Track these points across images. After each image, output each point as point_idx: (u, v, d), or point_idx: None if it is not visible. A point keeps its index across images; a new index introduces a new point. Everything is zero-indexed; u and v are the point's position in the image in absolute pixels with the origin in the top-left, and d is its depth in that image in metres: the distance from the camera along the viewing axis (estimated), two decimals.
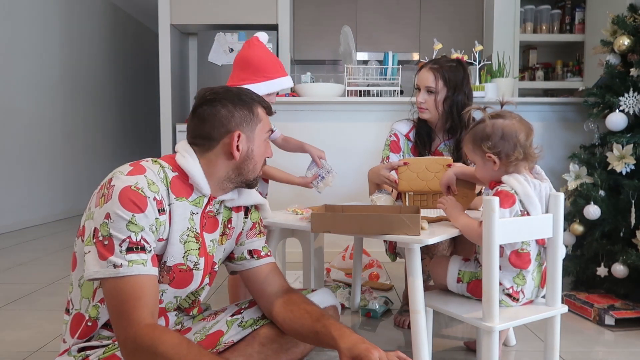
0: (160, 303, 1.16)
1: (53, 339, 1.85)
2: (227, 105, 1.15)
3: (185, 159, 1.14)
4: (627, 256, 2.03)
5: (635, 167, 2.13)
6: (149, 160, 1.14)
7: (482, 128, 1.35)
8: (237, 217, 1.29)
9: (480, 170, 1.40)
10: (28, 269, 3.00)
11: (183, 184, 1.14)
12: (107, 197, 1.02)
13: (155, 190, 1.06)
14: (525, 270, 1.33)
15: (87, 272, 1.00)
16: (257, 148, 1.19)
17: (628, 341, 1.82)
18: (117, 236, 1.00)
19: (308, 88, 2.99)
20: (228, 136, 1.14)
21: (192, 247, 1.15)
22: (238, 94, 1.18)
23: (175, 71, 4.63)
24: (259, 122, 1.19)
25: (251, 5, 4.40)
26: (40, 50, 4.72)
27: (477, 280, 1.38)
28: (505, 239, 1.23)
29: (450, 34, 4.60)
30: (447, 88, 1.81)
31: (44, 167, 4.82)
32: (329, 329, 1.11)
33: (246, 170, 1.19)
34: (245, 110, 1.16)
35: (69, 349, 1.11)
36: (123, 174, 1.05)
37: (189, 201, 1.14)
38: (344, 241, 2.89)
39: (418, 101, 1.86)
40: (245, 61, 1.76)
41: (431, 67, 1.83)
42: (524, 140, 1.31)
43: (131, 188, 1.02)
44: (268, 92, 1.76)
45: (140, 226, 1.02)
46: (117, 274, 0.99)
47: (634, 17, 2.23)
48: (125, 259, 0.99)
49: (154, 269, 1.04)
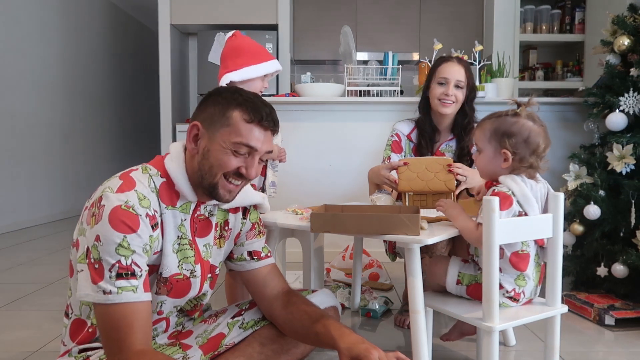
0: (160, 314, 1.15)
1: (53, 339, 1.85)
2: (205, 100, 1.13)
3: (172, 163, 1.11)
4: (627, 256, 2.03)
5: (635, 167, 2.13)
6: (138, 168, 1.10)
7: (511, 122, 1.30)
8: (234, 218, 1.26)
9: (485, 160, 1.35)
10: (28, 269, 3.00)
11: (170, 190, 1.11)
12: (98, 217, 0.99)
13: (147, 205, 1.03)
14: (525, 272, 1.32)
15: (79, 293, 0.99)
16: (216, 151, 1.08)
17: (628, 341, 1.82)
18: (107, 260, 0.97)
19: (308, 88, 2.99)
20: (190, 125, 1.11)
21: (188, 254, 1.13)
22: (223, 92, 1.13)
23: (175, 71, 4.63)
24: (227, 126, 1.08)
25: (251, 5, 4.40)
26: (40, 50, 4.71)
27: (477, 284, 1.36)
28: (505, 239, 1.23)
29: (450, 34, 4.59)
30: (469, 85, 1.86)
31: (44, 167, 4.82)
32: (328, 330, 1.10)
33: (204, 170, 1.09)
34: (217, 108, 1.09)
35: (69, 350, 1.11)
36: (113, 191, 1.01)
37: (177, 208, 1.12)
38: (344, 241, 2.89)
39: (447, 94, 1.83)
40: (237, 49, 1.80)
41: (459, 62, 1.85)
42: (542, 151, 1.30)
43: (121, 208, 0.99)
44: (264, 74, 1.81)
45: (130, 249, 0.99)
46: (106, 301, 0.97)
47: (634, 17, 2.23)
48: (115, 285, 0.97)
49: (145, 294, 1.01)
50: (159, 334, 1.19)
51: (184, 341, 1.20)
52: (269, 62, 1.82)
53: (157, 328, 1.17)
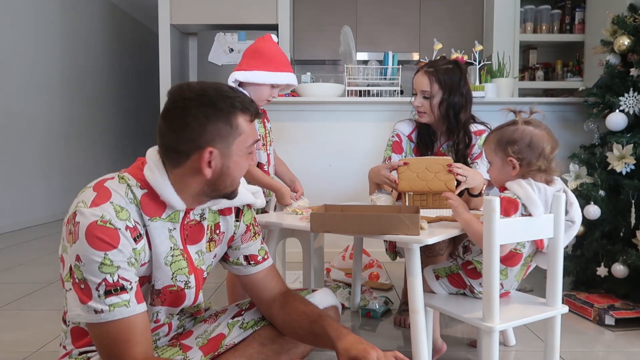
0: (157, 322, 1.13)
1: (53, 339, 1.85)
2: (198, 117, 0.99)
3: (154, 174, 1.02)
4: (627, 256, 2.03)
5: (635, 167, 2.13)
6: (114, 177, 1.03)
7: (511, 131, 1.35)
8: (226, 220, 1.20)
9: (496, 171, 1.40)
10: (28, 269, 3.00)
11: (154, 202, 1.03)
12: (75, 235, 0.93)
13: (125, 217, 0.97)
14: (510, 267, 1.36)
15: (70, 314, 0.95)
16: (235, 164, 1.04)
17: (628, 341, 1.82)
18: (92, 280, 0.92)
19: (308, 88, 2.99)
20: (197, 152, 1.00)
21: (181, 265, 1.08)
22: (214, 101, 1.01)
23: (175, 71, 4.63)
24: (239, 135, 1.03)
25: (251, 5, 4.40)
26: (39, 50, 4.71)
27: (453, 274, 1.45)
28: (505, 239, 1.23)
29: (450, 34, 4.59)
30: (443, 91, 1.79)
31: (43, 167, 4.82)
32: (326, 330, 1.10)
33: (222, 186, 1.06)
34: (220, 122, 1.00)
35: (70, 352, 1.10)
36: (86, 206, 0.95)
37: (163, 219, 1.05)
38: (344, 241, 2.89)
39: (415, 105, 1.86)
40: (257, 51, 1.79)
41: (426, 71, 1.82)
42: (549, 153, 1.32)
43: (97, 223, 0.92)
44: (273, 83, 1.78)
45: (114, 266, 0.93)
46: (100, 320, 0.93)
47: (634, 17, 2.23)
48: (106, 303, 0.93)
49: (139, 306, 0.97)
50: (160, 338, 1.18)
51: (184, 342, 1.20)
52: (281, 73, 1.78)
53: (159, 333, 1.17)
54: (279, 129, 2.93)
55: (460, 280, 1.43)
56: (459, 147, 1.85)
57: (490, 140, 1.40)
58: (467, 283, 1.42)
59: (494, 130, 1.42)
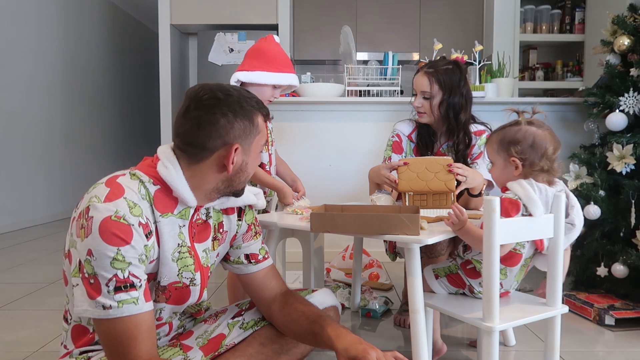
0: (160, 320, 1.14)
1: (53, 339, 1.85)
2: (227, 114, 1.04)
3: (168, 170, 1.04)
4: (627, 256, 2.03)
5: (635, 167, 2.13)
6: (126, 173, 1.04)
7: (514, 131, 1.35)
8: (229, 220, 1.22)
9: (499, 172, 1.40)
10: (28, 269, 3.00)
11: (167, 197, 1.05)
12: (87, 230, 0.93)
13: (138, 214, 0.97)
14: (510, 268, 1.36)
15: (77, 309, 0.95)
16: (252, 160, 1.11)
17: (628, 341, 1.82)
18: (102, 275, 0.93)
19: (308, 88, 2.99)
20: (224, 148, 1.05)
21: (188, 262, 1.09)
22: (239, 101, 1.06)
23: (175, 71, 4.63)
24: (258, 134, 1.10)
25: (251, 5, 4.40)
26: (39, 50, 4.71)
27: (452, 274, 1.45)
28: (505, 239, 1.23)
29: (450, 34, 4.59)
30: (443, 91, 1.80)
31: (44, 167, 4.82)
32: (325, 330, 1.10)
33: (237, 182, 1.11)
34: (246, 120, 1.06)
35: (70, 352, 1.10)
36: (100, 201, 0.95)
37: (175, 215, 1.07)
38: (344, 241, 2.89)
39: (415, 105, 1.86)
40: (259, 51, 1.79)
41: (426, 72, 1.82)
42: (552, 153, 1.32)
43: (111, 219, 0.93)
44: (275, 84, 1.78)
45: (126, 262, 0.94)
46: (107, 316, 0.93)
47: (634, 17, 2.23)
48: (115, 299, 0.93)
49: (147, 304, 0.98)
50: (161, 338, 1.18)
51: (184, 342, 1.20)
52: (283, 74, 1.79)
53: (159, 332, 1.17)
54: (279, 129, 2.93)
55: (460, 280, 1.44)
56: (459, 147, 1.85)
57: (492, 140, 1.40)
58: (466, 283, 1.42)
59: (496, 130, 1.42)
